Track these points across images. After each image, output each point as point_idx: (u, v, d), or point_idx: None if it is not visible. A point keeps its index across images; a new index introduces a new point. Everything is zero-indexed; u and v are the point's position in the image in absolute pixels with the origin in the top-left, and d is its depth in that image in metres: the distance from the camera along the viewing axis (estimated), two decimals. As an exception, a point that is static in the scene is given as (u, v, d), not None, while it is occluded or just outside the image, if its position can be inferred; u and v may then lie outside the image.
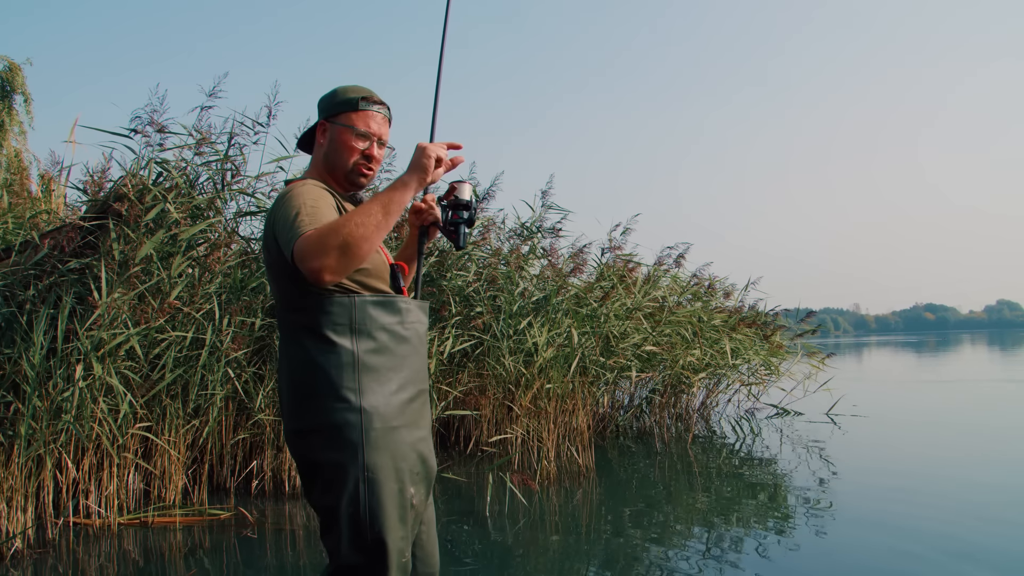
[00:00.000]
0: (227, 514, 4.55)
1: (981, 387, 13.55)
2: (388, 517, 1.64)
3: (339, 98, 1.88)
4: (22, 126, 12.64)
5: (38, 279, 4.54)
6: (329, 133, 1.88)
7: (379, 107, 1.89)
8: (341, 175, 1.88)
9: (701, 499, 5.06)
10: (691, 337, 8.19)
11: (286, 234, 1.64)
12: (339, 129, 1.86)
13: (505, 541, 4.11)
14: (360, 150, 1.86)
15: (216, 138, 5.38)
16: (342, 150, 1.86)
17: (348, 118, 1.86)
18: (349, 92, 1.88)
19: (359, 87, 1.90)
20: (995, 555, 3.66)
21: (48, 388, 4.17)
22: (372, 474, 1.63)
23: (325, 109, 1.90)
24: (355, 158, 1.86)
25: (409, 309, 1.78)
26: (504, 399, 6.50)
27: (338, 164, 1.87)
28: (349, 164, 1.86)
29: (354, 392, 1.65)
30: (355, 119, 1.86)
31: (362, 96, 1.87)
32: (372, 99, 1.88)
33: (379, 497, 1.63)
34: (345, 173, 1.87)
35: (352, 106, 1.86)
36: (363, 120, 1.87)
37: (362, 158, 1.87)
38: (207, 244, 5.34)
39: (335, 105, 1.88)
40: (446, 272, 6.73)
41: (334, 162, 1.87)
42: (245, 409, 5.10)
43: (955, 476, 5.63)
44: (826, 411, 9.40)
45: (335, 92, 1.90)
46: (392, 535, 1.64)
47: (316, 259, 1.53)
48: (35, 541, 4.01)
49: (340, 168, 1.87)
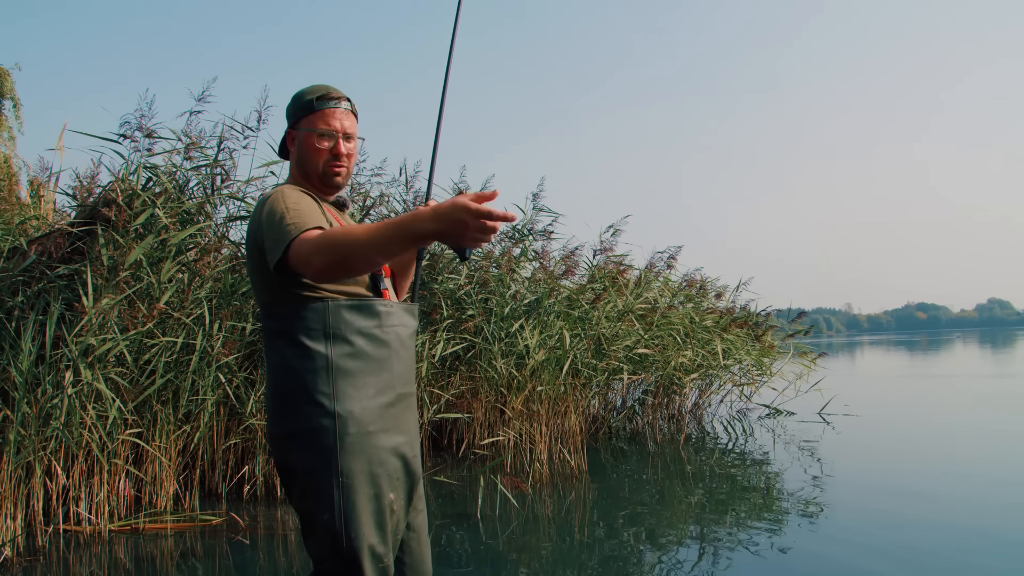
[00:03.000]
0: (219, 519, 4.53)
1: (972, 383, 13.61)
2: (364, 522, 1.62)
3: (296, 103, 1.87)
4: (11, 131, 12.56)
5: (26, 285, 4.52)
6: (296, 140, 1.87)
7: (336, 102, 1.86)
8: (315, 179, 1.87)
9: (694, 500, 5.07)
10: (683, 338, 8.20)
11: (274, 237, 1.63)
12: (303, 134, 1.85)
13: (497, 544, 4.10)
14: (327, 149, 1.85)
15: (206, 143, 5.37)
16: (309, 154, 1.85)
17: (308, 121, 1.84)
18: (306, 95, 1.87)
19: (316, 86, 1.88)
20: (989, 553, 3.67)
21: (37, 395, 4.15)
22: (347, 479, 1.62)
23: (289, 117, 1.89)
24: (323, 159, 1.85)
25: (390, 312, 1.76)
26: (496, 402, 6.49)
27: (309, 169, 1.86)
28: (320, 167, 1.85)
29: (328, 397, 1.64)
30: (315, 120, 1.84)
31: (318, 96, 1.85)
32: (329, 96, 1.86)
33: (354, 503, 1.62)
34: (318, 176, 1.86)
35: (309, 108, 1.85)
36: (323, 119, 1.84)
37: (330, 157, 1.85)
38: (197, 249, 5.32)
39: (295, 111, 1.87)
40: (438, 275, 6.73)
41: (305, 168, 1.86)
42: (236, 414, 5.09)
43: (948, 474, 5.66)
44: (818, 411, 9.43)
45: (294, 97, 1.89)
46: (368, 540, 1.62)
47: (315, 262, 1.54)
48: (25, 549, 3.99)
49: (312, 172, 1.86)
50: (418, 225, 1.40)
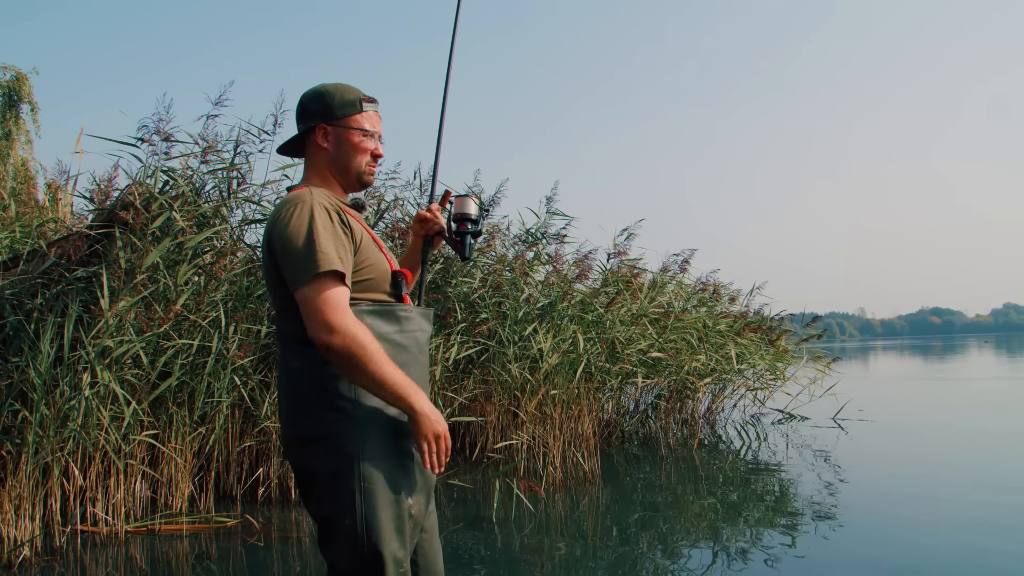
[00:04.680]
0: (234, 522, 4.55)
1: (988, 387, 13.49)
2: (385, 528, 1.62)
3: (339, 99, 1.84)
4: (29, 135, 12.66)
5: (45, 288, 4.56)
6: (333, 136, 1.84)
7: (376, 105, 1.90)
8: (352, 178, 1.87)
9: (707, 505, 5.05)
10: (696, 343, 8.17)
11: (298, 260, 1.61)
12: (346, 132, 1.84)
13: (512, 547, 4.10)
14: (370, 150, 1.86)
15: (222, 146, 5.41)
16: (354, 152, 1.84)
17: (355, 120, 1.84)
18: (347, 93, 1.86)
19: (351, 87, 1.88)
20: (1005, 562, 3.64)
21: (55, 396, 4.18)
22: (368, 484, 1.62)
23: (324, 112, 1.84)
24: (366, 158, 1.86)
25: (409, 317, 1.77)
26: (510, 405, 6.49)
27: (350, 167, 1.85)
28: (362, 165, 1.86)
29: (350, 402, 1.64)
30: (362, 120, 1.85)
31: (361, 97, 1.86)
32: (370, 98, 1.88)
33: (376, 508, 1.61)
34: (357, 175, 1.86)
35: (356, 107, 1.85)
36: (368, 120, 1.86)
37: (371, 158, 1.87)
38: (213, 252, 5.35)
39: (338, 107, 1.84)
40: (451, 279, 6.74)
41: (345, 165, 1.85)
42: (251, 416, 5.11)
43: (964, 480, 5.60)
44: (832, 416, 9.37)
45: (329, 93, 1.85)
46: (389, 546, 1.62)
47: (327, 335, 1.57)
48: (43, 549, 4.02)
49: (352, 170, 1.86)
50: (416, 404, 1.64)
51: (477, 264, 6.97)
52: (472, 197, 2.02)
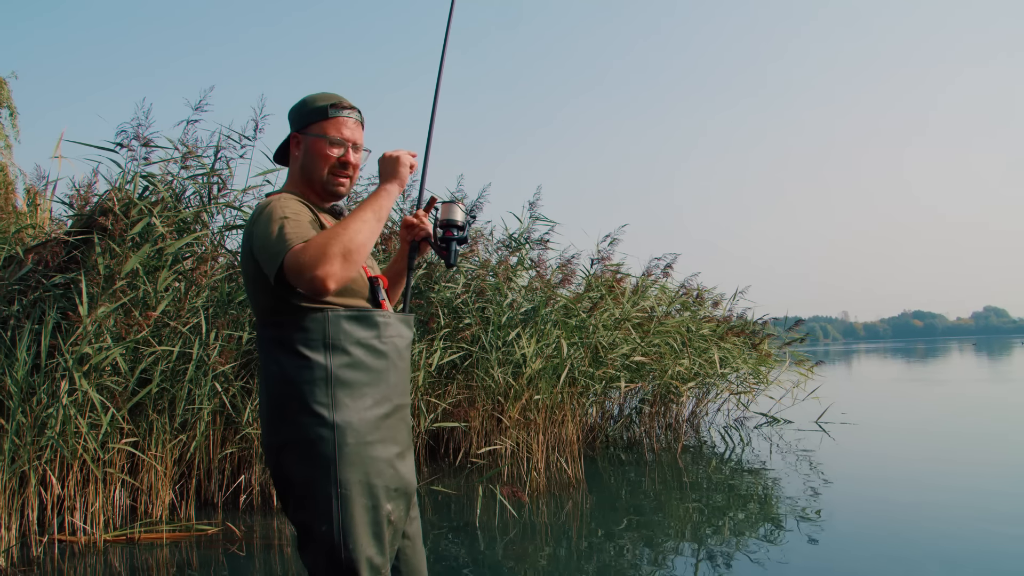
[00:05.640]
0: (215, 529, 4.51)
1: (968, 389, 13.61)
2: (361, 534, 1.62)
3: (308, 107, 1.86)
4: (7, 140, 12.51)
5: (22, 294, 4.51)
6: (303, 144, 1.86)
7: (349, 112, 1.87)
8: (319, 186, 1.86)
9: (691, 509, 5.06)
10: (680, 347, 8.20)
11: (272, 248, 1.62)
12: (312, 140, 1.84)
13: (495, 553, 4.09)
14: (336, 157, 1.84)
15: (202, 152, 5.37)
16: (317, 160, 1.84)
17: (320, 127, 1.84)
18: (318, 100, 1.86)
19: (328, 94, 1.88)
20: (987, 563, 3.67)
21: (32, 404, 4.13)
22: (345, 490, 1.61)
23: (296, 120, 1.88)
24: (330, 166, 1.85)
25: (388, 323, 1.76)
26: (493, 411, 6.49)
27: (315, 175, 1.85)
28: (325, 174, 1.85)
29: (327, 407, 1.63)
30: (327, 127, 1.84)
31: (331, 103, 1.85)
32: (342, 104, 1.86)
33: (352, 514, 1.61)
34: (322, 183, 1.86)
35: (323, 114, 1.84)
36: (335, 127, 1.85)
37: (338, 166, 1.85)
38: (193, 258, 5.31)
39: (305, 115, 1.86)
40: (434, 284, 6.73)
41: (311, 173, 1.85)
42: (233, 423, 5.07)
43: (946, 483, 5.65)
44: (815, 419, 9.43)
45: (304, 102, 1.88)
46: (366, 552, 1.61)
47: (319, 267, 1.54)
48: (19, 559, 3.97)
49: (317, 179, 1.85)
50: (380, 189, 1.78)
51: (460, 269, 6.96)
52: (459, 204, 2.02)
